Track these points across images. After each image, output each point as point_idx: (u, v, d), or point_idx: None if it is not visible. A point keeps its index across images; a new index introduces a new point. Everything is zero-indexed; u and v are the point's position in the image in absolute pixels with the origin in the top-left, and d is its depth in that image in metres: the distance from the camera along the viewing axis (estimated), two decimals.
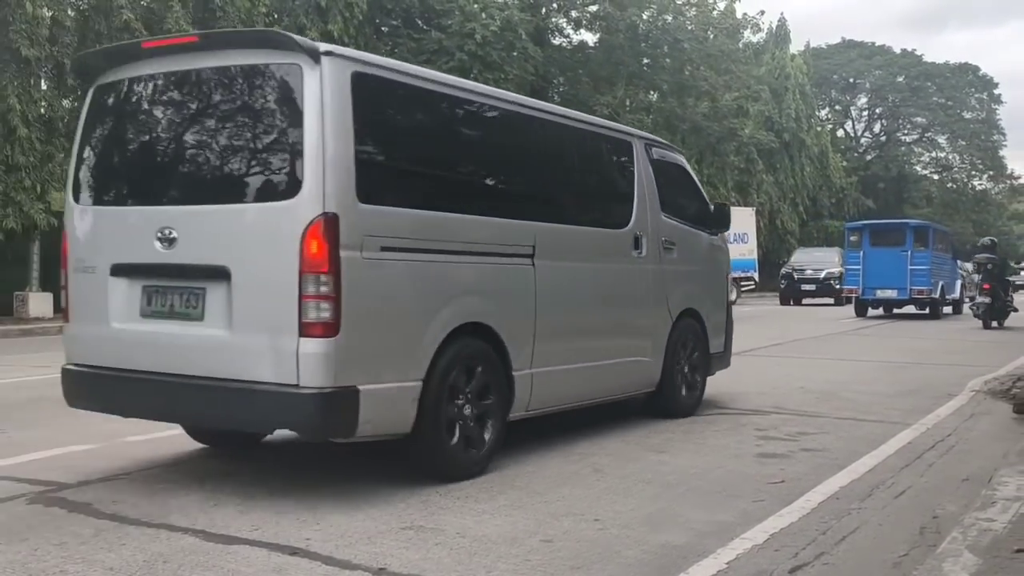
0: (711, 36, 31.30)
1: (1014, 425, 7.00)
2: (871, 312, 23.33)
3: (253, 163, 4.64)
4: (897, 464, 5.46)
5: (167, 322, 4.67)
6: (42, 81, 18.61)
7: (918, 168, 65.52)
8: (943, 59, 66.85)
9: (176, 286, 4.66)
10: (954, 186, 64.19)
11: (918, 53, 62.02)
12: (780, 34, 51.20)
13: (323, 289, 4.22)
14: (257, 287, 4.38)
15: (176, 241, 4.57)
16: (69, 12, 19.01)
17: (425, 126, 5.16)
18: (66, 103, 20.38)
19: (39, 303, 18.09)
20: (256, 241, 4.42)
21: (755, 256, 36.62)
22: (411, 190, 4.87)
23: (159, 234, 4.60)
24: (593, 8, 31.06)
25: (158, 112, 4.96)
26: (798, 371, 10.37)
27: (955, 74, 61.62)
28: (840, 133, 64.43)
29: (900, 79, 61.28)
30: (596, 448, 5.81)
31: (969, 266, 25.26)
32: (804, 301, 30.24)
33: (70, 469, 5.11)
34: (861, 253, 22.82)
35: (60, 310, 5.37)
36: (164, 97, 4.93)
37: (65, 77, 18.43)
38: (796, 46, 51.40)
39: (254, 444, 5.78)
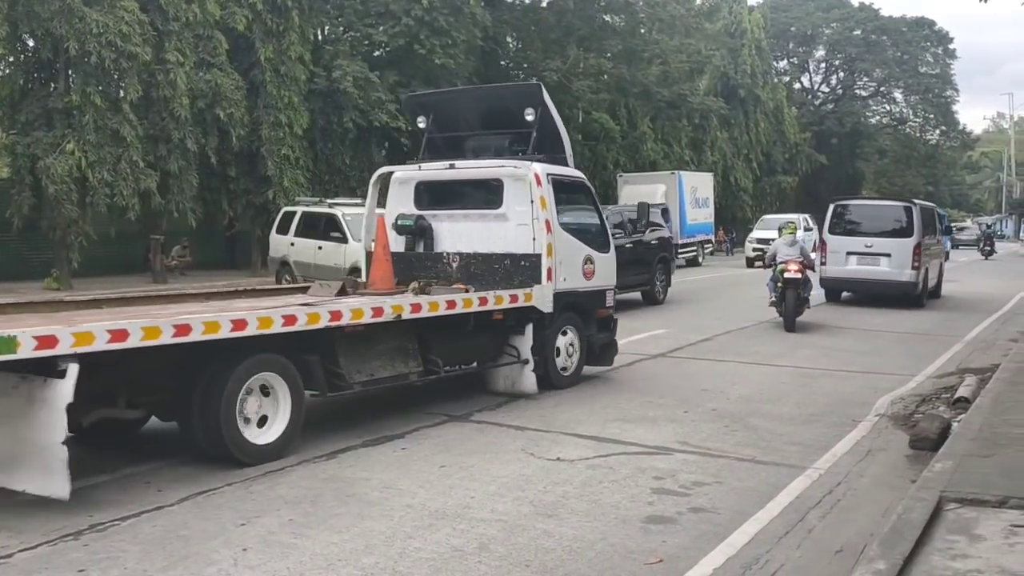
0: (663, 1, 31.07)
1: (906, 465, 7.24)
2: None
3: (904, 228, 18.59)
4: (778, 531, 5.63)
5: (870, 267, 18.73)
6: None
7: (873, 121, 66.04)
8: (900, 8, 66.77)
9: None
10: (907, 140, 64.95)
11: (875, 7, 62.14)
12: None
13: (916, 255, 18.19)
14: (897, 257, 18.31)
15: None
16: None
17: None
18: None
19: None
20: (899, 245, 18.38)
21: (712, 220, 36.96)
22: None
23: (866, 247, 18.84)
24: None
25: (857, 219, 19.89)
26: (717, 382, 10.56)
27: (911, 28, 61.90)
28: (797, 86, 64.55)
29: (857, 32, 61.40)
30: (488, 512, 5.88)
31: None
32: None
33: None
34: None
35: None
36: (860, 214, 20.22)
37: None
38: None
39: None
